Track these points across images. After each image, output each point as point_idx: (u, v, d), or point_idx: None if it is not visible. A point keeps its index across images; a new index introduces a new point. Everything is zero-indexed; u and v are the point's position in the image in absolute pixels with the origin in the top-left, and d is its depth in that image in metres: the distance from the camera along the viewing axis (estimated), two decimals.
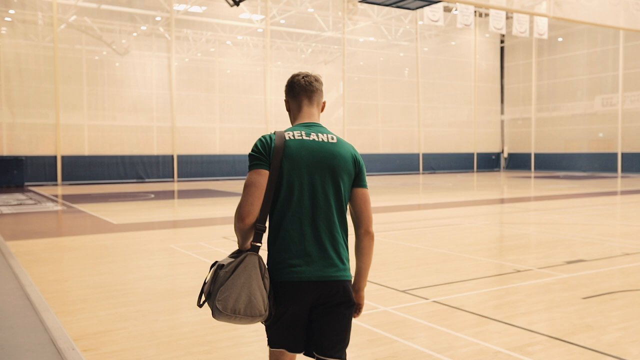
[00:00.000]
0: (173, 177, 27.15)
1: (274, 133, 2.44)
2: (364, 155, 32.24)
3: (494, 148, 38.33)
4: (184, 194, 20.13)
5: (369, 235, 2.50)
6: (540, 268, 6.82)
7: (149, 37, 27.99)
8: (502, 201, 16.47)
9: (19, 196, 18.38)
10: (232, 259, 2.36)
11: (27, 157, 23.94)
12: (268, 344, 2.46)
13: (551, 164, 35.44)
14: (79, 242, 9.17)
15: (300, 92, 2.53)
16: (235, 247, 7.80)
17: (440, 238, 9.44)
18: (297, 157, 2.39)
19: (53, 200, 16.77)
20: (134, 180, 26.09)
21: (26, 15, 24.96)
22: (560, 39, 35.60)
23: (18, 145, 24.28)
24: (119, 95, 26.98)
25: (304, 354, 2.49)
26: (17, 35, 24.96)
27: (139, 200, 17.21)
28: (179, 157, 27.29)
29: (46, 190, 21.01)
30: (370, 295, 5.62)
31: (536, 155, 36.32)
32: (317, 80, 2.57)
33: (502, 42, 38.66)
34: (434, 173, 34.28)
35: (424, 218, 12.27)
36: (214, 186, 22.99)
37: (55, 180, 24.48)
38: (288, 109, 2.59)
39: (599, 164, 33.01)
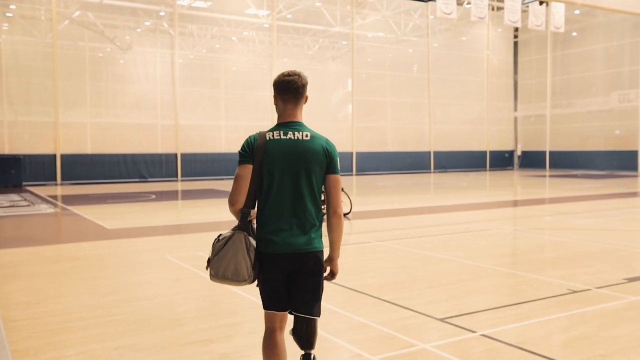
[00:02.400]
0: (177, 176, 26.20)
1: (258, 133, 2.91)
2: (372, 154, 31.25)
3: (506, 146, 37.15)
4: (186, 195, 19.17)
5: (336, 214, 2.91)
6: (599, 287, 5.77)
7: (152, 33, 27.05)
8: (525, 203, 15.39)
9: (14, 197, 17.47)
10: (226, 234, 2.92)
11: (25, 156, 23.04)
12: (263, 307, 2.99)
13: (566, 162, 34.22)
14: (65, 252, 8.20)
15: (290, 96, 2.91)
16: None
17: (469, 247, 8.39)
18: (275, 153, 2.84)
19: (48, 202, 15.84)
20: (137, 180, 25.16)
21: (27, 10, 24.07)
22: (574, 34, 34.35)
23: (17, 143, 23.39)
24: (122, 93, 26.06)
25: (289, 313, 3.01)
26: (18, 32, 24.10)
27: (138, 201, 16.25)
28: (182, 155, 26.33)
29: (44, 190, 20.09)
30: (403, 325, 4.60)
31: (551, 153, 35.10)
32: (303, 85, 2.91)
33: (515, 37, 37.45)
34: (445, 172, 33.17)
35: (446, 222, 11.23)
36: (219, 186, 22.01)
37: (55, 179, 23.59)
38: (275, 104, 2.97)
39: (617, 162, 31.78)
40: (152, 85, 26.54)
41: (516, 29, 37.08)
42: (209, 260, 2.94)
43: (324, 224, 2.97)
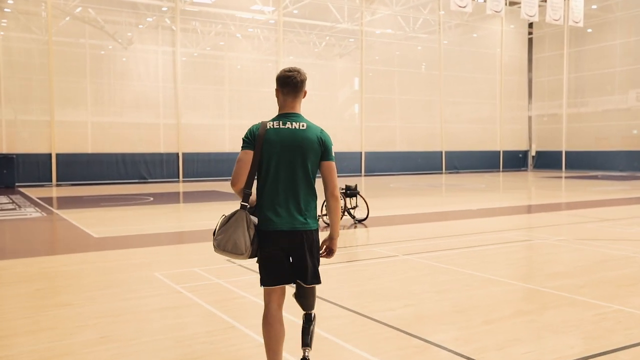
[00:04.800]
0: (178, 177, 24.98)
1: (260, 123, 3.25)
2: (382, 154, 29.99)
3: (520, 146, 35.77)
4: (187, 197, 17.95)
5: (333, 196, 3.22)
6: None
7: (155, 30, 25.82)
8: (556, 207, 14.06)
9: (1, 199, 16.26)
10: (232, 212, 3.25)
11: (18, 155, 21.86)
12: (260, 284, 3.30)
13: (583, 162, 32.80)
14: (36, 268, 6.94)
15: (290, 90, 3.25)
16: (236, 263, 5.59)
17: (514, 263, 7.10)
18: (274, 140, 3.18)
19: (38, 205, 14.62)
20: (136, 181, 23.95)
21: (26, 6, 22.91)
22: (589, 30, 32.95)
23: (14, 142, 22.22)
24: (124, 91, 24.82)
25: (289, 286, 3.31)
26: (17, 28, 22.98)
27: (134, 204, 15.01)
28: (184, 155, 25.10)
29: (37, 192, 18.89)
30: None
31: (567, 153, 33.68)
32: (302, 81, 3.25)
33: (530, 33, 36.05)
34: (458, 172, 31.85)
35: (475, 230, 9.94)
36: (222, 187, 20.78)
37: (50, 180, 22.41)
38: (277, 96, 3.31)
39: (639, 163, 30.36)
40: (155, 83, 25.34)
41: (530, 25, 35.74)
42: (214, 233, 3.22)
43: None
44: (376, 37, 31.40)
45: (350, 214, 10.98)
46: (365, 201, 11.02)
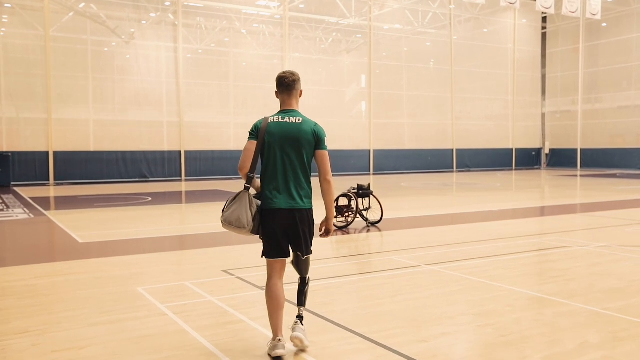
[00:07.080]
0: (180, 175, 24.06)
1: (263, 118, 3.85)
2: (391, 151, 29.02)
3: (534, 143, 34.65)
4: (188, 197, 17.00)
5: (326, 180, 3.78)
6: None
7: (158, 25, 24.89)
8: (583, 208, 13.01)
9: None
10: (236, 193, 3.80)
11: (14, 153, 20.98)
12: (263, 256, 3.84)
13: (599, 160, 31.65)
14: (3, 281, 5.99)
15: (284, 90, 3.86)
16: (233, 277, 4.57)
17: (561, 275, 6.08)
18: (274, 132, 3.76)
19: (28, 205, 13.70)
20: (137, 180, 23.05)
21: (24, 1, 22.01)
22: (604, 24, 31.77)
23: (9, 140, 21.34)
24: (125, 88, 23.89)
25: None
26: (17, 24, 22.11)
27: (130, 205, 14.06)
28: (187, 153, 24.17)
29: (32, 192, 17.99)
30: None
31: (582, 151, 32.51)
32: (294, 81, 3.85)
33: (543, 28, 34.88)
34: (469, 171, 30.78)
35: (502, 235, 8.92)
36: (226, 186, 19.83)
37: (48, 179, 21.54)
38: (276, 96, 3.92)
39: None
40: (157, 79, 24.40)
41: (543, 20, 34.60)
42: (222, 210, 3.76)
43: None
44: (384, 32, 30.37)
45: (362, 216, 9.99)
46: (379, 202, 10.03)
